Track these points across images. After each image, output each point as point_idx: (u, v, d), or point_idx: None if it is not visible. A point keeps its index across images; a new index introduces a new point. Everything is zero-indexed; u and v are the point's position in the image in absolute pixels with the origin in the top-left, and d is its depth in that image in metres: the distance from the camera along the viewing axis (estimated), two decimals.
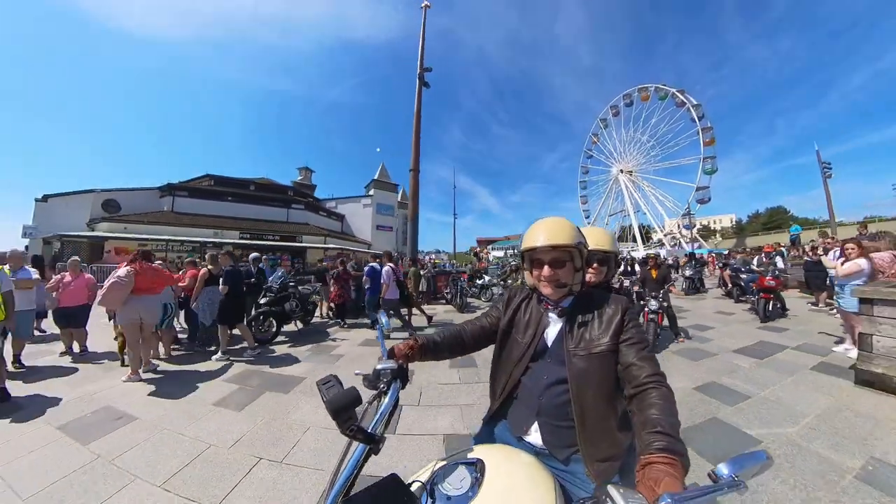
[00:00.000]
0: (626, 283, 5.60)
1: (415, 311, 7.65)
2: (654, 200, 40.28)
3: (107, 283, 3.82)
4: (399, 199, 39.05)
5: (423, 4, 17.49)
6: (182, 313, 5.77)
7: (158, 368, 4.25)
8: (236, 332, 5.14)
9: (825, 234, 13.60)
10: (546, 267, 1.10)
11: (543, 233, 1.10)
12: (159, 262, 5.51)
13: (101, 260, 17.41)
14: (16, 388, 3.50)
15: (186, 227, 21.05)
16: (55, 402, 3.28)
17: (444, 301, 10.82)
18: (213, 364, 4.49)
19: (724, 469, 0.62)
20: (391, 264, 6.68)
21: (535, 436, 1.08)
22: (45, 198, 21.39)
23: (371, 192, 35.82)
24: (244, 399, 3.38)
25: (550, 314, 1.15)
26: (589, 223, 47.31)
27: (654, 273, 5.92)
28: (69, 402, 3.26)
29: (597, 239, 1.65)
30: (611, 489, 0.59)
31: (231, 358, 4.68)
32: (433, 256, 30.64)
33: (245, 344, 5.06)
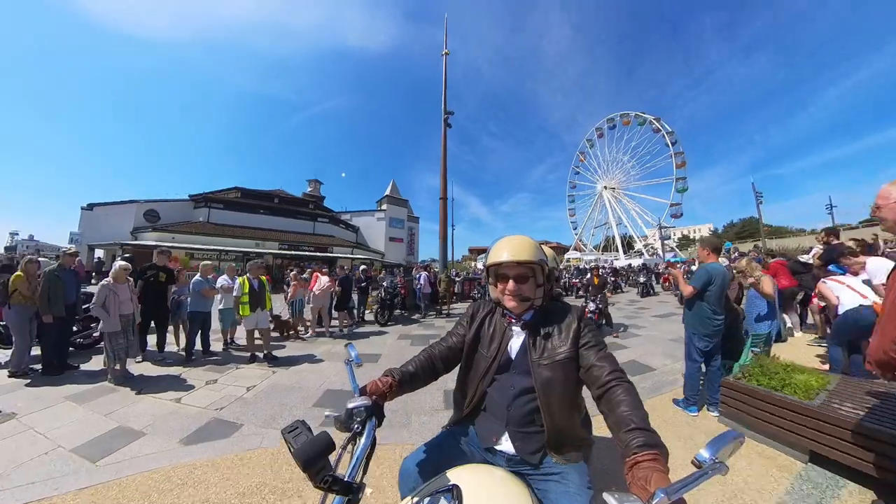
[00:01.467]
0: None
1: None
2: (634, 214, 44.37)
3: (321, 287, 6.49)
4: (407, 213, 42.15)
5: (443, 52, 20.30)
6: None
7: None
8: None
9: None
10: (510, 281, 1.15)
11: (508, 249, 1.15)
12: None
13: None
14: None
15: (226, 238, 22.75)
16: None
17: (472, 300, 13.55)
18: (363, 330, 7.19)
19: (704, 454, 0.65)
20: (425, 272, 10.70)
21: (506, 444, 1.10)
22: (91, 206, 22.69)
23: (384, 207, 38.76)
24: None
25: (514, 327, 1.19)
26: (576, 234, 51.30)
27: (595, 280, 7.21)
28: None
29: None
30: (606, 496, 0.60)
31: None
32: (426, 265, 32.66)
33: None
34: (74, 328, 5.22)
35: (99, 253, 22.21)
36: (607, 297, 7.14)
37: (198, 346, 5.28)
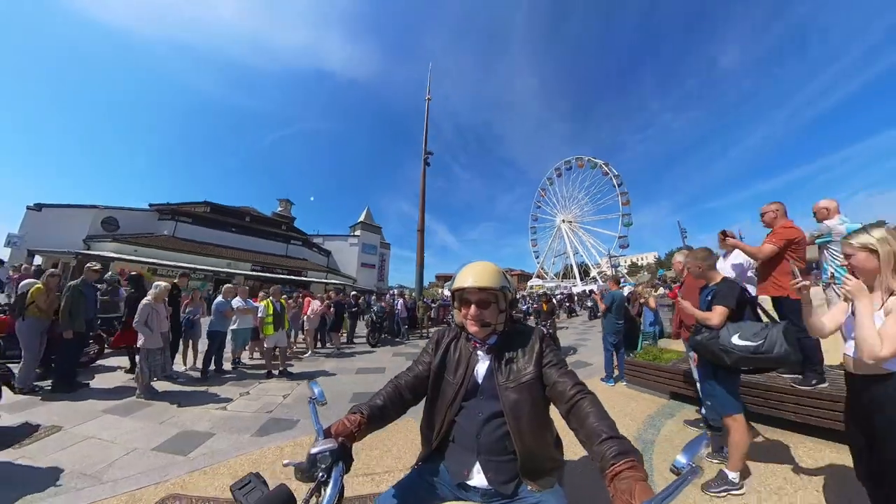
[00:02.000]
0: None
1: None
2: (588, 245, 48.76)
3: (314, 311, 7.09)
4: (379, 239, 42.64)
5: (426, 97, 22.19)
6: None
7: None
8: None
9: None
10: (473, 306, 1.16)
11: (472, 275, 1.16)
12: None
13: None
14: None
15: (195, 255, 21.41)
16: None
17: (446, 324, 14.61)
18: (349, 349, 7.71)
19: (681, 459, 0.67)
20: (402, 299, 11.79)
21: (478, 477, 1.06)
22: (40, 207, 20.09)
23: (358, 233, 39.08)
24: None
25: (479, 352, 1.19)
26: (539, 262, 54.71)
27: (545, 306, 7.64)
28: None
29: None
30: None
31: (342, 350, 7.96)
32: (400, 292, 33.32)
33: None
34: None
35: (38, 260, 19.74)
36: (556, 322, 8.03)
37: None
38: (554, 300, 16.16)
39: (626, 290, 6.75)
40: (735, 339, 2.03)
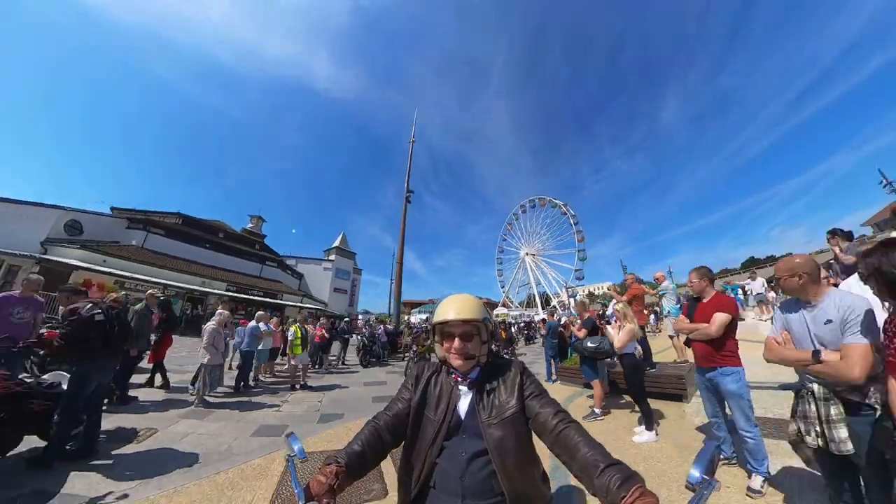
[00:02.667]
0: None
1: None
2: (549, 276, 52.99)
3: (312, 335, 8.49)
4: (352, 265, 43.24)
5: (410, 139, 24.48)
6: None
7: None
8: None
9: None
10: (457, 339, 1.14)
11: (454, 308, 1.15)
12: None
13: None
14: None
15: (168, 270, 20.35)
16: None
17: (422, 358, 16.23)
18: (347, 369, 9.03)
19: (695, 473, 0.65)
20: (382, 325, 13.45)
21: None
22: None
23: (332, 258, 39.51)
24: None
25: (461, 386, 1.15)
26: (504, 291, 57.95)
27: (503, 335, 8.53)
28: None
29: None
30: None
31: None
32: (366, 318, 33.27)
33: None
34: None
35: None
36: (515, 349, 9.41)
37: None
38: (512, 329, 18.00)
39: (562, 320, 8.98)
40: (587, 343, 4.57)
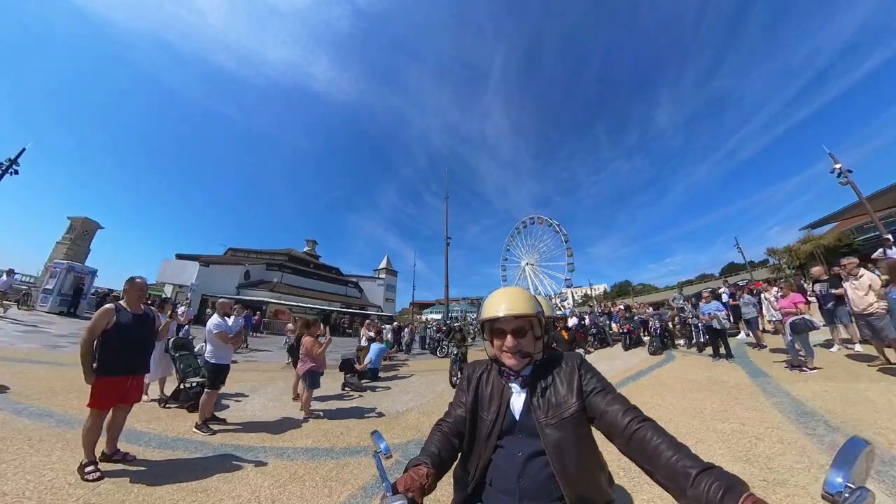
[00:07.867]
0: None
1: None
2: (546, 283, 64.79)
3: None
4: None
5: (444, 196, 32.44)
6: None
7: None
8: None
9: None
10: (509, 337, 1.07)
11: (505, 303, 1.08)
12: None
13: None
14: None
15: (303, 298, 27.79)
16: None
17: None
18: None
19: (836, 479, 0.50)
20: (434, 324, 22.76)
21: None
22: (207, 263, 25.62)
23: (382, 276, 52.10)
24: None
25: (512, 384, 1.09)
26: None
27: (565, 334, 6.94)
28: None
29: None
30: None
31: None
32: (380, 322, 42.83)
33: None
34: None
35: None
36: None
37: None
38: (583, 323, 19.27)
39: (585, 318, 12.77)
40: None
